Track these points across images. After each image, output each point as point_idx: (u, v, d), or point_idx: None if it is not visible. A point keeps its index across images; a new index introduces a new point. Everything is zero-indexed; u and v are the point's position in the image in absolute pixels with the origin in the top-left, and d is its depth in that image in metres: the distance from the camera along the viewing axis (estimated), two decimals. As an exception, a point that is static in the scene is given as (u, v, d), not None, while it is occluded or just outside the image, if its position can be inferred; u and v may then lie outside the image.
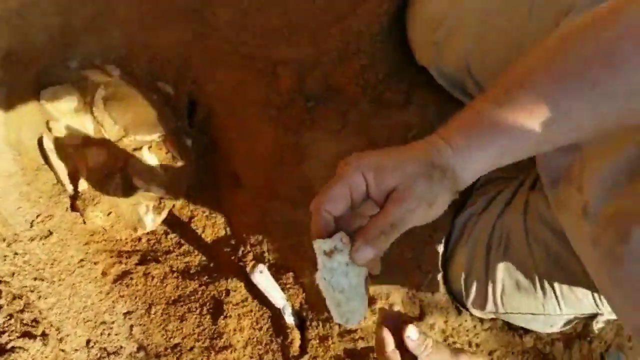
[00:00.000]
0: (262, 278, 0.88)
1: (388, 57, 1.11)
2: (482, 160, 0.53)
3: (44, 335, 0.69)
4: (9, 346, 0.66)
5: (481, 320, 1.08)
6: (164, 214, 0.92)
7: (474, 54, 1.01)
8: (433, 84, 1.09)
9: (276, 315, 0.95)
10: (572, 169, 0.75)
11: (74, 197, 0.88)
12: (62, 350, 0.74)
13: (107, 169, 0.88)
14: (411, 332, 0.59)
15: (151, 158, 0.92)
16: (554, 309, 0.97)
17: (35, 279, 0.75)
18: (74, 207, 0.88)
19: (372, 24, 1.08)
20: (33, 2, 0.89)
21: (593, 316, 1.00)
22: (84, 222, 0.88)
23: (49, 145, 0.87)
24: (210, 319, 0.90)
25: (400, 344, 0.60)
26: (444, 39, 1.03)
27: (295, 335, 0.94)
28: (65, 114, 0.89)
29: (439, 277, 1.02)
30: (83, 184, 0.87)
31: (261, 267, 0.89)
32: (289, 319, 0.94)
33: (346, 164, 0.55)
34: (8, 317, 0.66)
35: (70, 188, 0.87)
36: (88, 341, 0.79)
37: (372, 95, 1.11)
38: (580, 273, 0.83)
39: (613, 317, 0.99)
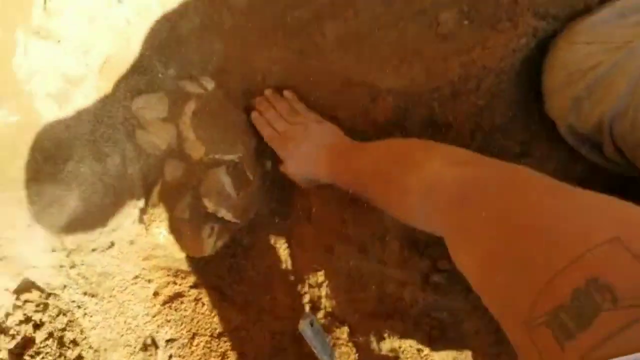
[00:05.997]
0: (311, 331, 0.82)
1: (511, 101, 0.95)
2: None
3: (79, 358, 0.69)
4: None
5: None
6: (226, 238, 0.89)
7: (624, 119, 0.82)
8: (557, 136, 0.92)
9: (320, 370, 0.88)
10: None
11: (144, 209, 0.87)
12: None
13: (181, 186, 0.85)
14: None
15: (226, 179, 0.88)
16: None
17: (85, 293, 0.75)
18: (141, 220, 0.87)
19: (501, 60, 0.92)
20: (145, 8, 0.87)
21: None
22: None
23: (131, 154, 0.87)
24: (251, 362, 0.86)
25: None
26: (587, 95, 0.85)
27: (336, 395, 0.87)
28: (152, 123, 0.88)
29: None
30: (155, 198, 0.86)
31: (312, 318, 0.83)
32: (333, 378, 0.88)
33: None
34: (47, 337, 0.67)
35: (142, 199, 0.86)
36: (124, 368, 0.78)
37: (484, 141, 0.96)
38: None
39: None
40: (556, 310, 0.36)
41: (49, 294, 0.73)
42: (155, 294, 0.84)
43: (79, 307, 0.75)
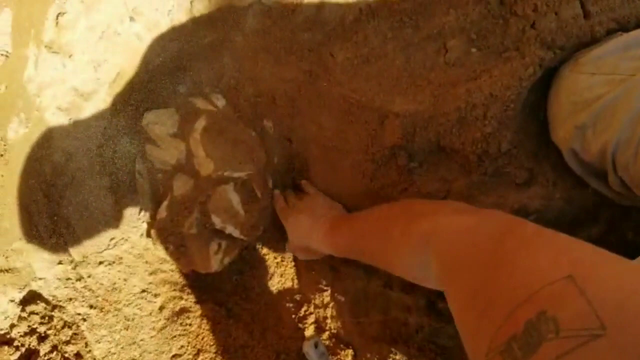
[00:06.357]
0: (315, 353, 0.82)
1: (517, 127, 0.97)
2: None
3: (82, 373, 0.68)
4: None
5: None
6: (233, 255, 0.88)
7: (627, 150, 0.83)
8: (563, 164, 0.93)
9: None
10: None
11: (151, 223, 0.87)
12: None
13: (189, 202, 0.85)
14: None
15: (234, 196, 0.88)
16: None
17: (91, 306, 0.74)
18: (148, 234, 0.87)
19: (508, 88, 0.93)
20: (155, 25, 0.88)
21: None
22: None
23: (140, 168, 0.87)
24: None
25: None
26: (591, 124, 0.86)
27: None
28: (162, 138, 0.88)
29: None
30: (162, 212, 0.85)
31: (317, 339, 0.82)
32: (336, 400, 0.87)
33: None
34: (51, 349, 0.66)
35: (149, 214, 0.86)
36: (127, 385, 0.77)
37: (490, 167, 0.97)
38: None
39: None
40: (509, 341, 0.39)
41: (55, 306, 0.72)
42: (161, 308, 0.83)
43: (84, 320, 0.74)
